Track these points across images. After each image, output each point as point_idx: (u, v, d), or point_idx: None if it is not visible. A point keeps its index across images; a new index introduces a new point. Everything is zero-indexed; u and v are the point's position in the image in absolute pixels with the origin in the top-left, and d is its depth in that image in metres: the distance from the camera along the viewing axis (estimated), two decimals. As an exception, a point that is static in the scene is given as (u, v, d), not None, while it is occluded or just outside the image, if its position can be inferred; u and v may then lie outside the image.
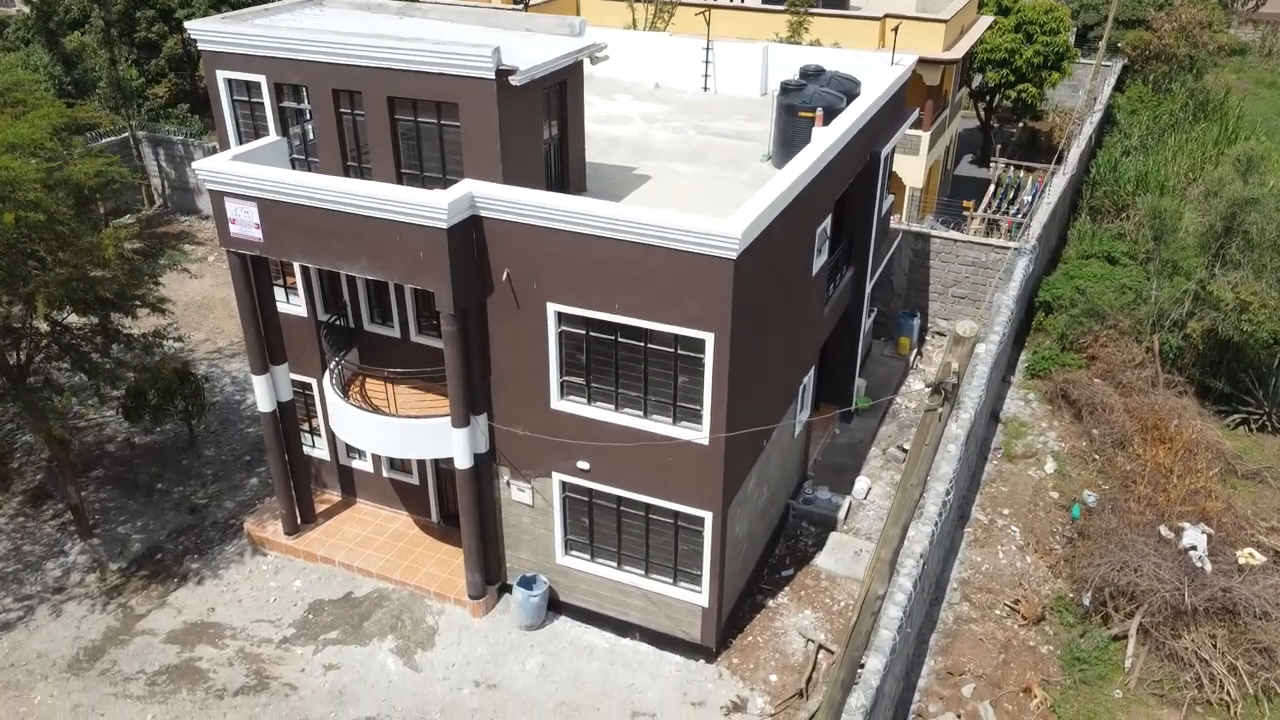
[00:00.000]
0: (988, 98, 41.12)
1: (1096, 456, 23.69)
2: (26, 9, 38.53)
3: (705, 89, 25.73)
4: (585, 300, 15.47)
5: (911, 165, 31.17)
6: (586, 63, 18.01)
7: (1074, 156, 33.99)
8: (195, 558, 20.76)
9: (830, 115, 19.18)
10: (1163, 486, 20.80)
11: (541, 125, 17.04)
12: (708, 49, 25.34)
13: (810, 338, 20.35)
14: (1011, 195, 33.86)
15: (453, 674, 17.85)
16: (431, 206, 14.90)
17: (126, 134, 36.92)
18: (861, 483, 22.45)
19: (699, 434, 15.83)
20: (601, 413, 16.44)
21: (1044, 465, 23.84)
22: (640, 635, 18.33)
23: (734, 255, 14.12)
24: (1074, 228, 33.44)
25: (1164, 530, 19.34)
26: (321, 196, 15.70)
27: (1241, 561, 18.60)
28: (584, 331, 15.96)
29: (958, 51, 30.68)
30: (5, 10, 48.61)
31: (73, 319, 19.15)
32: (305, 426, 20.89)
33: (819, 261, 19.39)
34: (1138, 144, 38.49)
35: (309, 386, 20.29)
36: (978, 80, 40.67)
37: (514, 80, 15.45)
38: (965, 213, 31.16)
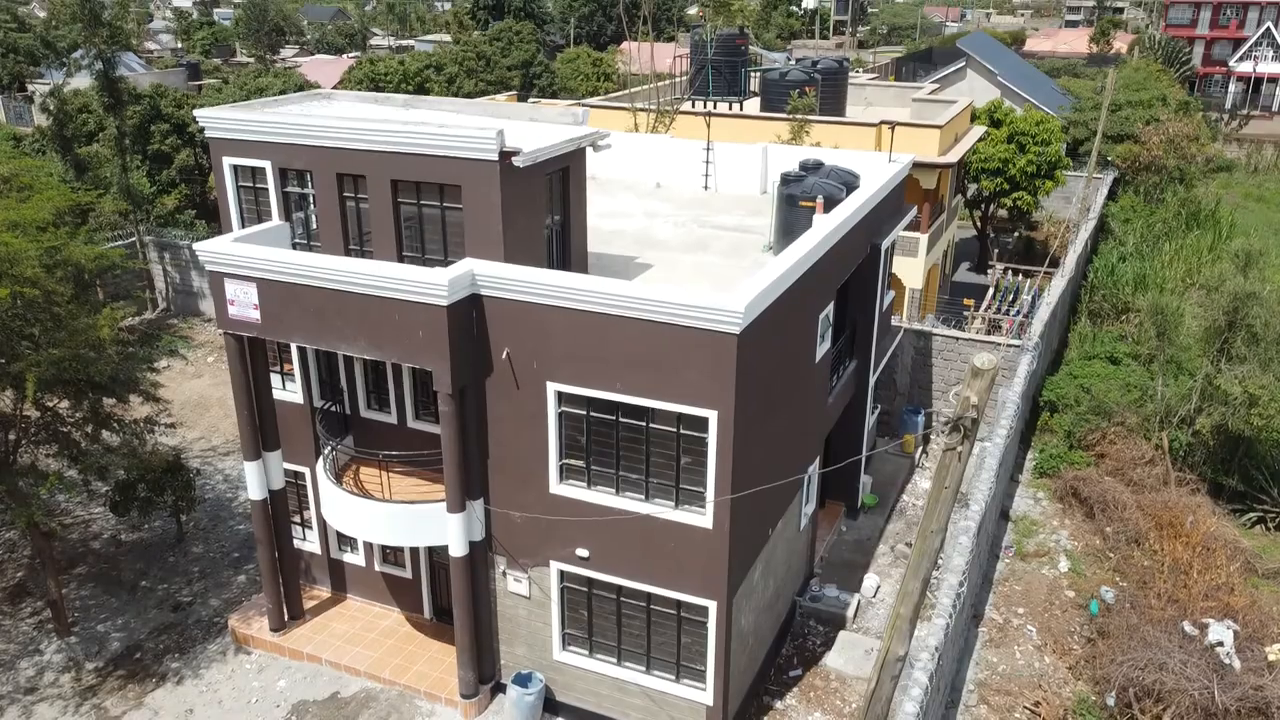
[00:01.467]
0: (983, 206, 41.82)
1: (1111, 554, 22.99)
2: (45, 121, 39.54)
3: (706, 188, 26.06)
4: (586, 379, 15.20)
5: (910, 266, 31.38)
6: (590, 159, 18.22)
7: (1071, 260, 34.28)
8: (176, 657, 19.87)
9: (830, 205, 19.30)
10: (1183, 583, 20.07)
11: (544, 210, 17.10)
12: (708, 149, 25.78)
13: (815, 427, 19.98)
14: (1011, 298, 34.03)
15: (442, 779, 16.82)
16: (432, 284, 14.79)
17: (134, 238, 37.36)
18: (870, 580, 21.70)
19: (702, 517, 15.31)
20: (602, 497, 15.96)
21: (1057, 563, 23.11)
22: (641, 738, 17.36)
23: (737, 330, 13.92)
24: (1074, 331, 33.43)
25: (1188, 627, 18.54)
26: (321, 275, 15.62)
27: (1272, 658, 17.75)
28: (584, 412, 15.63)
29: (952, 156, 31.29)
30: (24, 129, 50.04)
31: (63, 406, 18.82)
32: (296, 519, 20.32)
33: (822, 349, 19.19)
34: (1133, 250, 38.89)
35: (301, 476, 19.82)
36: (973, 189, 41.48)
37: (517, 161, 15.55)
38: (966, 311, 31.21)
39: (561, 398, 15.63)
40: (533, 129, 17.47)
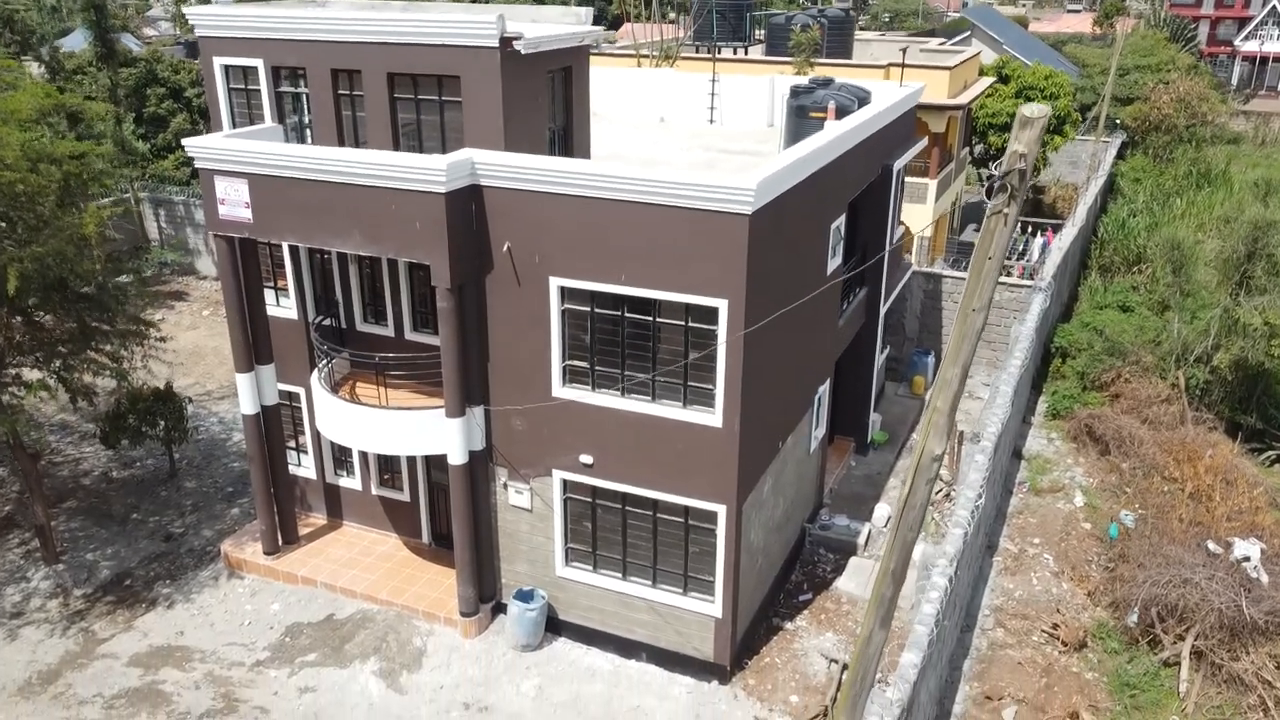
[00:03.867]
0: (991, 165, 41.18)
1: (1128, 489, 22.37)
2: (38, 70, 38.85)
3: (712, 121, 25.45)
4: (590, 272, 14.59)
5: (919, 213, 30.74)
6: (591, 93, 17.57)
7: (1082, 211, 33.67)
8: (167, 583, 19.28)
9: (842, 115, 18.71)
10: (1205, 507, 19.47)
11: (546, 109, 16.50)
12: (714, 81, 25.17)
13: (825, 344, 19.38)
14: (1021, 249, 33.42)
15: (440, 696, 16.21)
16: (429, 169, 14.18)
17: (129, 195, 36.71)
18: (881, 509, 21.11)
19: (711, 416, 14.70)
20: (607, 399, 15.36)
21: (1073, 498, 22.51)
22: (647, 656, 16.75)
23: (749, 210, 13.32)
24: (1085, 285, 32.84)
25: (1212, 545, 17.94)
26: (315, 167, 15.01)
27: (1300, 574, 17.17)
28: (588, 308, 15.02)
29: (962, 99, 30.66)
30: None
31: (49, 319, 18.21)
32: (291, 444, 19.73)
33: (834, 263, 18.59)
34: (1143, 207, 38.30)
35: (296, 398, 19.23)
36: (980, 149, 40.83)
37: (518, 46, 14.96)
38: (975, 258, 30.59)
39: (565, 294, 15.02)
40: (534, 26, 16.86)
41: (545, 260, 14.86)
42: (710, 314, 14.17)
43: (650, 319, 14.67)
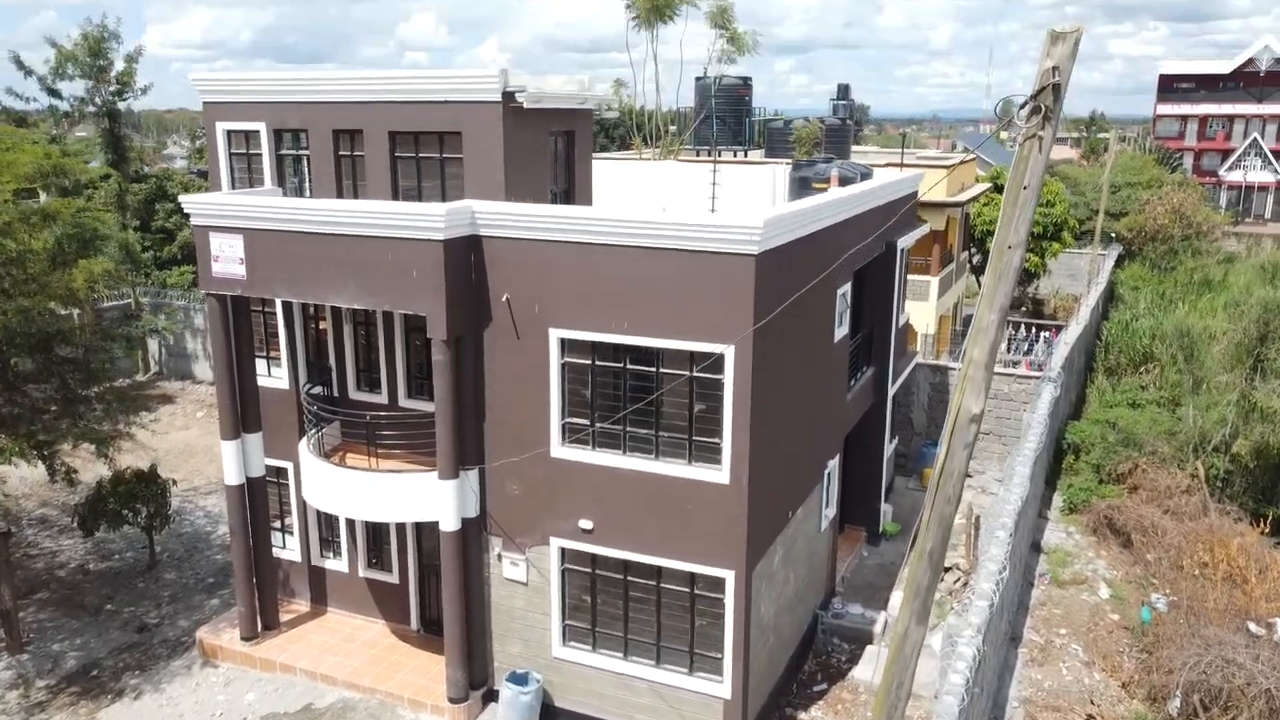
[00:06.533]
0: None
1: (1155, 580, 21.26)
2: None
3: (714, 210, 25.45)
4: (592, 322, 14.10)
5: (922, 310, 30.55)
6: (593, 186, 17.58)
7: (1085, 310, 33.50)
8: (136, 674, 18.00)
9: (844, 185, 18.63)
10: (1242, 590, 18.39)
11: (548, 165, 16.37)
12: (715, 170, 25.29)
13: (834, 416, 18.71)
14: (1027, 347, 33.11)
15: (425, 789, 14.84)
16: (427, 216, 13.89)
17: (129, 300, 36.61)
18: (897, 598, 19.96)
19: (718, 472, 13.94)
20: (608, 458, 14.61)
21: (1097, 590, 21.38)
22: (650, 745, 15.43)
23: (756, 250, 12.93)
24: (1093, 386, 32.36)
25: (1253, 626, 16.83)
26: (312, 218, 14.72)
27: (1351, 654, 15.99)
28: (589, 361, 14.46)
29: (961, 198, 30.92)
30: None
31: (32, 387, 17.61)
32: (277, 524, 18.82)
33: (840, 332, 18.13)
34: (1144, 312, 38.18)
35: (284, 473, 18.44)
36: (979, 257, 41.09)
37: (520, 100, 14.91)
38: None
39: (565, 346, 14.49)
40: (537, 80, 16.89)
41: (545, 311, 14.40)
42: (716, 362, 13.59)
43: (654, 370, 14.09)
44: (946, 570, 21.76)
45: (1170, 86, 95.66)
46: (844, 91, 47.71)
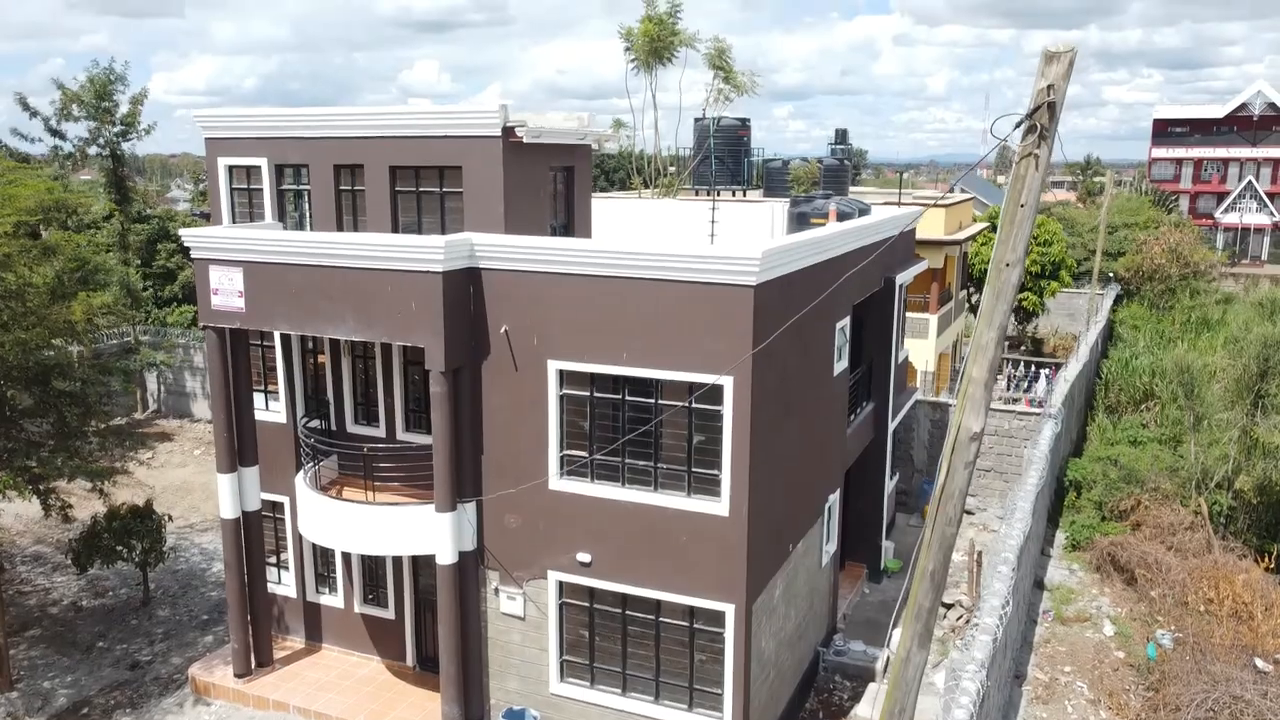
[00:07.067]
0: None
1: (1159, 617, 21.04)
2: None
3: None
4: (591, 353, 14.09)
5: (921, 348, 30.60)
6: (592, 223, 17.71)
7: (1085, 348, 33.52)
8: (127, 711, 17.74)
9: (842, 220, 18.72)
10: (1247, 625, 18.18)
11: (547, 200, 16.46)
12: (714, 208, 25.45)
13: (834, 450, 18.63)
14: (1026, 386, 33.09)
15: (419, 829, 14.54)
16: (427, 247, 13.94)
17: (129, 338, 36.67)
18: (899, 634, 19.70)
19: (718, 504, 13.84)
20: (606, 490, 14.52)
21: (1101, 627, 21.14)
22: (649, 784, 15.14)
23: (754, 281, 12.95)
24: (1093, 424, 32.31)
25: (1260, 663, 16.61)
26: (310, 251, 14.77)
27: (1360, 691, 15.77)
28: (588, 392, 14.43)
29: (958, 236, 31.09)
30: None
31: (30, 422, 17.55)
32: (272, 559, 18.66)
33: (839, 365, 18.11)
34: (1144, 350, 38.22)
35: (280, 508, 18.32)
36: (977, 298, 41.20)
37: (521, 134, 15.03)
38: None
39: (563, 377, 14.47)
40: (537, 116, 17.05)
41: (544, 342, 14.40)
42: (715, 393, 13.56)
43: (652, 401, 14.05)
44: (949, 607, 21.54)
45: (1165, 130, 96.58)
46: (842, 135, 48.28)
